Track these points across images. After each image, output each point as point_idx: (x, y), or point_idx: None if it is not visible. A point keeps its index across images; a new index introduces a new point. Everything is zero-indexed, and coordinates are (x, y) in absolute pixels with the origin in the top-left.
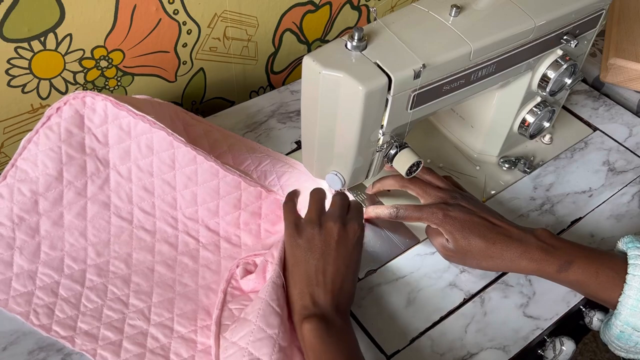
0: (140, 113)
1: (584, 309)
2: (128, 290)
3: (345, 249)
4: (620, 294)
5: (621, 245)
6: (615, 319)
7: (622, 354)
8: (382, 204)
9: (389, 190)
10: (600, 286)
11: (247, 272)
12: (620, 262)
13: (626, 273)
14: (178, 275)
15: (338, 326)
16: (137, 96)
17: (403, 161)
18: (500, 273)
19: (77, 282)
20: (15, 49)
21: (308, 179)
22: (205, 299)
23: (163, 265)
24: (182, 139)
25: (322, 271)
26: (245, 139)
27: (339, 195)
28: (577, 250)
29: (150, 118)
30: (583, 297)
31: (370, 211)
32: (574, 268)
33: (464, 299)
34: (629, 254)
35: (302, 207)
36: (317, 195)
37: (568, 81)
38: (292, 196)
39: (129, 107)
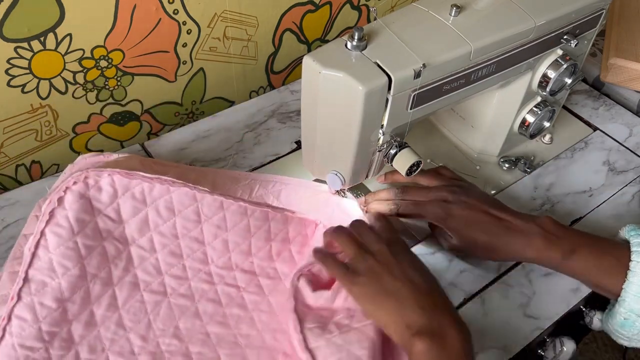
0: (155, 176)
1: (584, 309)
2: None
3: (404, 255)
4: (624, 281)
5: (623, 233)
6: (619, 306)
7: (625, 342)
8: None
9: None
10: (603, 273)
11: (311, 283)
12: (622, 249)
13: (629, 260)
14: (235, 329)
15: (451, 344)
16: (87, 156)
17: (403, 161)
18: (500, 273)
19: None
20: (15, 48)
21: (305, 190)
22: (274, 342)
23: (215, 325)
24: (206, 189)
25: (401, 283)
26: (223, 170)
27: (358, 225)
28: (580, 238)
29: (167, 178)
30: (583, 297)
31: (370, 208)
32: (577, 256)
33: (464, 299)
34: (631, 241)
35: (305, 211)
36: (338, 234)
37: (568, 81)
38: (322, 252)
39: (141, 173)
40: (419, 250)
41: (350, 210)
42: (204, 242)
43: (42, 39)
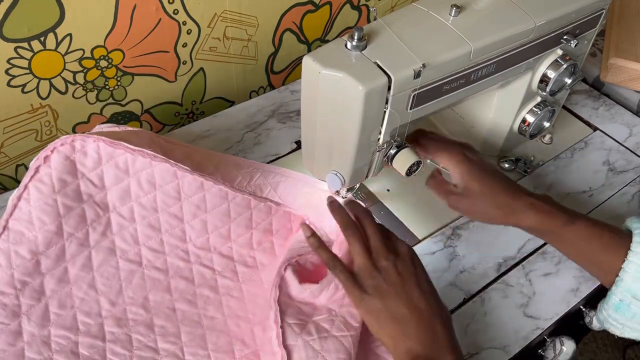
0: (138, 148)
1: (584, 309)
2: (154, 335)
3: (410, 274)
4: (623, 260)
5: (628, 223)
6: (615, 287)
7: (617, 332)
8: (377, 199)
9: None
10: (604, 246)
11: (297, 274)
12: (623, 232)
13: (629, 241)
14: (202, 309)
15: None
16: (104, 126)
17: (403, 161)
18: (500, 273)
19: (96, 338)
20: (15, 49)
21: (304, 185)
22: (237, 328)
23: (184, 302)
24: (187, 168)
25: (406, 308)
26: (228, 156)
27: (367, 219)
28: (580, 214)
29: (150, 152)
30: (583, 297)
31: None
32: (580, 223)
33: (464, 299)
34: (634, 227)
35: (302, 210)
36: (351, 232)
37: (568, 81)
38: (333, 259)
39: (125, 144)
40: (419, 250)
41: None
42: (182, 219)
43: (42, 39)
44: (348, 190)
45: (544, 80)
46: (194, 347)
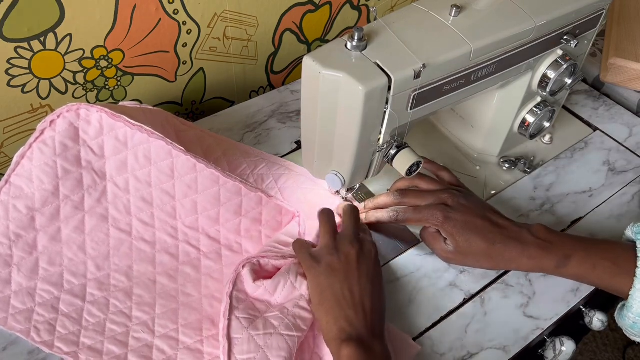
0: (138, 123)
1: (584, 309)
2: (130, 303)
3: (366, 267)
4: (630, 287)
5: (630, 233)
6: (627, 311)
7: (637, 339)
8: None
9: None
10: (598, 278)
11: (254, 273)
12: (619, 251)
13: (628, 262)
14: (180, 286)
15: (376, 352)
16: (127, 104)
17: (403, 161)
18: (500, 273)
19: (77, 297)
20: (15, 49)
21: (306, 180)
22: (210, 309)
23: (165, 276)
24: (182, 148)
25: (349, 291)
26: (239, 144)
27: (349, 212)
28: (574, 244)
29: (148, 128)
30: (583, 297)
31: (370, 216)
32: (572, 263)
33: (464, 299)
34: (638, 245)
35: (302, 210)
36: (326, 217)
37: (568, 81)
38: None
39: (126, 117)
40: (419, 251)
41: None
42: (174, 197)
43: (42, 39)
44: (348, 190)
45: (544, 80)
46: (165, 320)
